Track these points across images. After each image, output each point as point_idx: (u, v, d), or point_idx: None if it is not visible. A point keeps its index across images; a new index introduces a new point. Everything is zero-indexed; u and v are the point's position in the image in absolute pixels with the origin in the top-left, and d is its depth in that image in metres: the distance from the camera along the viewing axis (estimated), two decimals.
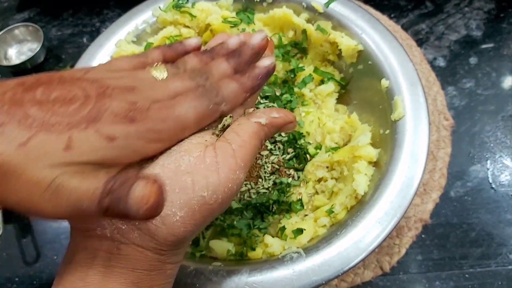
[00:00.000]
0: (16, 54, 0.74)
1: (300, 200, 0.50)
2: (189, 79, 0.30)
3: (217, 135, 0.32)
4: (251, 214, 0.50)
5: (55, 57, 0.74)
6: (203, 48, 0.35)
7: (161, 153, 0.28)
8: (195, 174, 0.28)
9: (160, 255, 0.28)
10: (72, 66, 0.56)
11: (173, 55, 0.34)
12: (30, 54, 0.70)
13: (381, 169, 0.46)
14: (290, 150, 0.54)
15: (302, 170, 0.53)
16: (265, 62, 0.33)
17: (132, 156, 0.26)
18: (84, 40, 0.76)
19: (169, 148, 0.29)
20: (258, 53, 0.34)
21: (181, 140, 0.29)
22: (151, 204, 0.24)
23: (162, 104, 0.27)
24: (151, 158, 0.28)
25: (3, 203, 0.22)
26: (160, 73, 0.30)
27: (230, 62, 0.32)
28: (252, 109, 0.34)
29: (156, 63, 0.31)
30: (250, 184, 0.51)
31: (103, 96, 0.25)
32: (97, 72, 0.28)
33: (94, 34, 0.76)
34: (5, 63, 0.71)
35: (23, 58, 0.70)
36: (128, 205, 0.23)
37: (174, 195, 0.27)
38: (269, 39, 0.40)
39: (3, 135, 0.21)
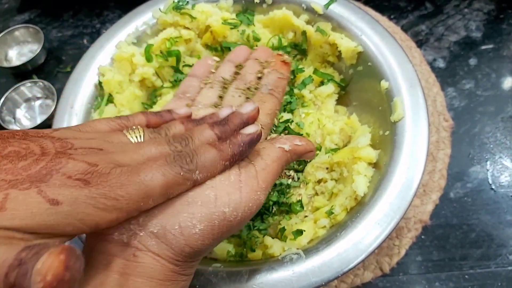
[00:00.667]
0: (16, 56, 0.74)
1: (300, 201, 0.51)
2: (166, 144, 0.29)
3: None
4: None
5: (56, 59, 0.74)
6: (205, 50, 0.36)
7: None
8: (218, 189, 0.28)
9: (175, 266, 0.28)
10: (72, 67, 0.56)
11: (158, 122, 0.33)
12: (31, 56, 0.70)
13: (381, 170, 0.46)
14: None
15: (302, 171, 0.53)
16: (249, 129, 0.31)
17: (77, 226, 0.22)
18: (85, 41, 0.76)
19: None
20: (247, 123, 0.33)
21: None
22: (48, 281, 0.18)
23: (126, 169, 0.25)
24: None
25: None
26: (135, 136, 0.29)
27: (214, 129, 0.31)
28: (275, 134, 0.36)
29: (135, 127, 0.30)
30: None
31: (62, 155, 0.23)
32: (67, 131, 0.27)
33: (94, 35, 0.76)
34: (5, 64, 0.71)
35: (24, 59, 0.71)
36: (31, 281, 0.19)
37: (196, 208, 0.27)
38: (287, 60, 0.44)
39: None
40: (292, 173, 0.53)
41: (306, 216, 0.50)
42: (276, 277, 0.41)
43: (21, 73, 0.71)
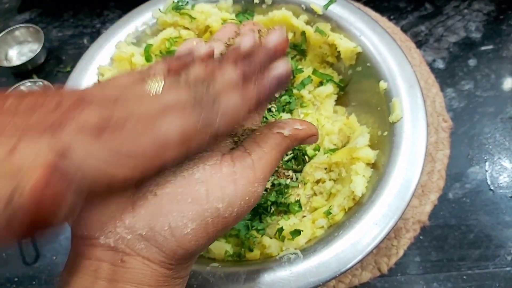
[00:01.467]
0: (17, 55, 0.74)
1: (298, 201, 0.51)
2: (186, 91, 0.25)
3: (235, 142, 0.30)
4: (249, 215, 0.50)
5: (56, 58, 0.74)
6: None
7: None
8: (210, 183, 0.26)
9: (167, 270, 0.26)
10: (72, 67, 0.56)
11: (179, 66, 0.28)
12: (31, 55, 0.70)
13: (379, 171, 0.46)
14: (288, 151, 0.54)
15: (300, 171, 0.53)
16: (278, 67, 0.27)
17: (87, 183, 0.22)
18: (85, 41, 0.76)
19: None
20: (274, 58, 0.28)
21: None
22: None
23: (142, 119, 0.23)
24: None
25: None
26: (154, 84, 0.26)
27: (238, 68, 0.27)
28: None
29: (155, 75, 0.27)
30: None
31: (77, 106, 0.22)
32: (86, 88, 0.26)
33: (94, 35, 0.76)
34: (5, 64, 0.71)
35: (24, 59, 0.71)
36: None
37: (186, 206, 0.25)
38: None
39: None
40: (290, 173, 0.53)
41: (304, 216, 0.50)
42: (274, 277, 0.41)
43: (21, 73, 0.71)
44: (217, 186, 0.26)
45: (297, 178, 0.53)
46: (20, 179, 0.19)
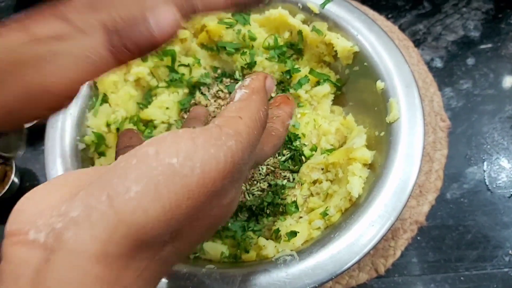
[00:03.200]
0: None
1: (295, 202, 0.50)
2: None
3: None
4: (245, 216, 0.50)
5: None
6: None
7: None
8: (161, 145, 0.20)
9: (103, 268, 0.18)
10: None
11: None
12: None
13: (376, 171, 0.46)
14: (285, 151, 0.54)
15: (297, 172, 0.53)
16: None
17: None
18: None
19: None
20: None
21: None
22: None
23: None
24: None
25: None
26: None
27: None
28: None
29: None
30: (245, 185, 0.51)
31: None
32: None
33: None
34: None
35: None
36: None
37: (129, 169, 0.19)
38: (289, 98, 0.37)
39: None
40: (287, 173, 0.53)
41: (301, 217, 0.50)
42: (270, 279, 0.41)
43: None
44: (171, 143, 0.20)
45: (293, 179, 0.52)
46: None
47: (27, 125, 0.64)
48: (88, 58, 0.25)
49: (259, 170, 0.52)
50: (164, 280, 0.41)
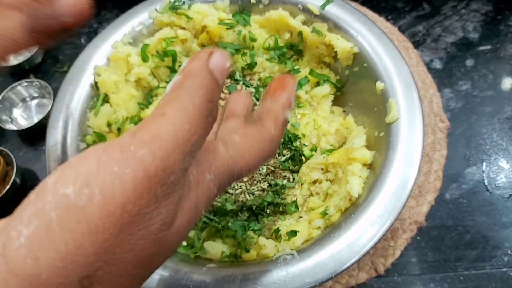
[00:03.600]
0: (13, 55, 0.74)
1: (295, 202, 0.51)
2: None
3: None
4: (246, 215, 0.50)
5: (53, 58, 0.74)
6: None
7: None
8: (63, 170, 0.18)
9: None
10: (69, 66, 0.56)
11: None
12: (28, 55, 0.70)
13: (375, 171, 0.46)
14: (285, 151, 0.54)
15: (297, 172, 0.53)
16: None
17: None
18: (82, 41, 0.76)
19: None
20: None
21: None
22: None
23: None
24: None
25: None
26: None
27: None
28: None
29: None
30: (245, 185, 0.52)
31: None
32: None
33: (91, 35, 0.76)
34: (3, 63, 0.71)
35: (21, 59, 0.70)
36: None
37: (25, 208, 0.17)
38: (286, 80, 0.32)
39: None
40: (287, 173, 0.53)
41: (301, 217, 0.50)
42: (270, 278, 0.41)
43: (18, 73, 0.71)
44: (73, 166, 0.18)
45: (293, 179, 0.52)
46: None
47: (27, 126, 0.64)
48: (3, 36, 0.28)
49: (259, 170, 0.53)
50: (164, 279, 0.41)
